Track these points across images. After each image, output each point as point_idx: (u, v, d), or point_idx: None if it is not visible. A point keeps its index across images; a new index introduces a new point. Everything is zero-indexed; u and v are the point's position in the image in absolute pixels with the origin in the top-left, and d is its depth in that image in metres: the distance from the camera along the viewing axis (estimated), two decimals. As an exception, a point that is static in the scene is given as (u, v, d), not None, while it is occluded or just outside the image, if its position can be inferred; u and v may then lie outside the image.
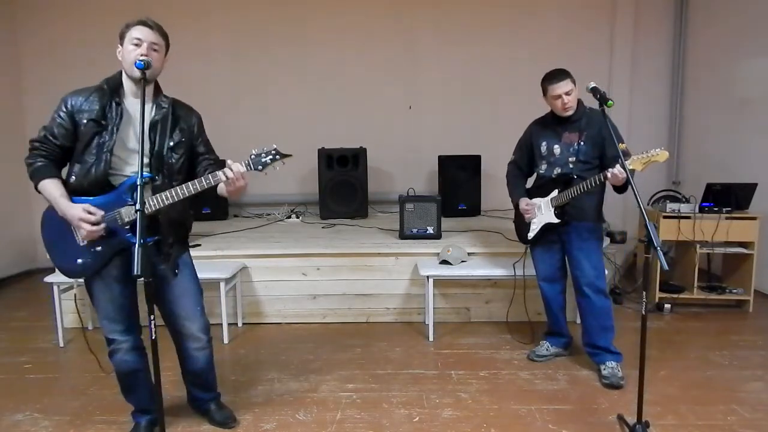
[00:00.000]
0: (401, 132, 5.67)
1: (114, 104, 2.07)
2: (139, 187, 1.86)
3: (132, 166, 2.07)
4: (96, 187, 2.05)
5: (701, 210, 3.89)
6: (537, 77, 2.93)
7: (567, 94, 2.79)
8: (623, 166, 2.38)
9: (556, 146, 2.93)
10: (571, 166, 2.88)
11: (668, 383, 2.85)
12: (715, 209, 3.87)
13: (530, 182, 3.20)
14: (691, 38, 5.44)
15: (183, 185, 2.05)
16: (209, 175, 2.05)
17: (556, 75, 2.82)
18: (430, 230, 4.04)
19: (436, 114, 5.68)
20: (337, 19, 5.53)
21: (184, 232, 2.33)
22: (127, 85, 2.11)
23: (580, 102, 2.91)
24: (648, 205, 4.41)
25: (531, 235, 3.07)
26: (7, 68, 5.36)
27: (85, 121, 2.04)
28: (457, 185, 5.19)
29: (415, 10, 5.57)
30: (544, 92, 2.89)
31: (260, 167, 2.04)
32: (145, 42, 2.03)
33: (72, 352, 3.43)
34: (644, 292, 2.22)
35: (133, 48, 2.02)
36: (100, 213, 2.02)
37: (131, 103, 2.11)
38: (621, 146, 2.51)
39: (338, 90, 5.60)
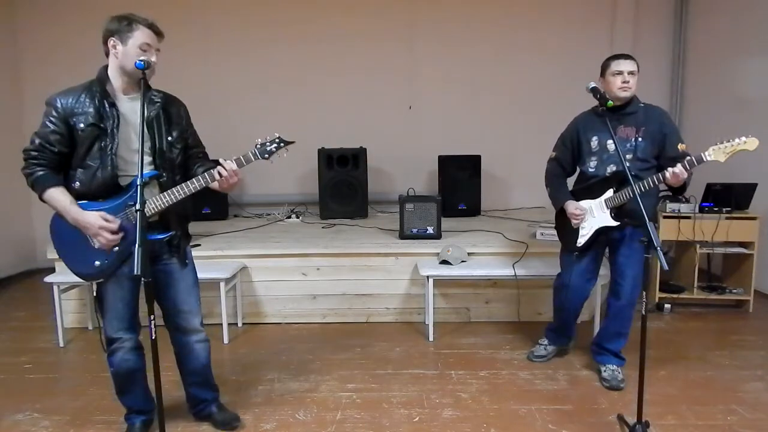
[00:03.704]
0: (401, 132, 5.65)
1: (108, 105, 2.04)
2: (138, 187, 1.86)
3: (137, 165, 2.05)
4: (103, 190, 2.04)
5: (701, 210, 3.89)
6: (537, 77, 2.92)
7: (630, 73, 2.63)
8: (684, 166, 2.34)
9: (609, 141, 2.68)
10: (627, 163, 2.52)
11: (668, 383, 2.85)
12: (715, 209, 3.87)
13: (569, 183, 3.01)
14: (691, 38, 5.43)
15: (181, 186, 2.08)
16: (206, 174, 2.09)
17: (622, 54, 2.70)
18: (430, 230, 4.03)
19: (436, 114, 5.66)
20: (337, 19, 5.52)
21: (187, 224, 2.36)
22: (117, 83, 2.08)
23: (635, 96, 2.73)
24: (648, 205, 4.39)
25: (582, 240, 2.81)
26: (7, 68, 5.35)
27: (82, 125, 2.01)
28: (457, 185, 5.18)
29: (415, 10, 5.55)
30: (603, 71, 2.74)
31: (266, 155, 2.11)
32: (153, 48, 2.05)
33: (72, 352, 3.43)
34: (644, 292, 2.22)
35: (140, 53, 2.01)
36: (117, 221, 2.02)
37: (123, 101, 2.09)
38: (681, 147, 2.38)
39: (338, 90, 5.58)
